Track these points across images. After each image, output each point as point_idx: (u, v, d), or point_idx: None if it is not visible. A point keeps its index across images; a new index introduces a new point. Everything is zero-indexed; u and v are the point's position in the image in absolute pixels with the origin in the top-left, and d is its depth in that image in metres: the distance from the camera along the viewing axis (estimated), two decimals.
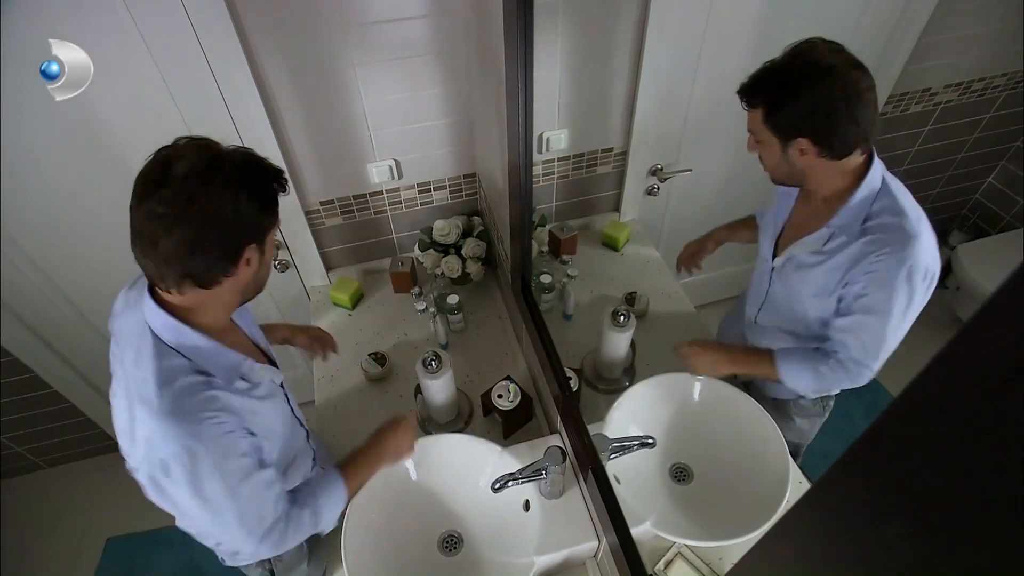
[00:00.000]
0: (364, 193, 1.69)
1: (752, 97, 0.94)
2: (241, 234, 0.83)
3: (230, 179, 0.80)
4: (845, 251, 0.97)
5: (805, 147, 0.91)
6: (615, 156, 1.71)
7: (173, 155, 0.80)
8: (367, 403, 1.56)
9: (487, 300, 1.80)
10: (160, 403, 0.82)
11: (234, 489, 0.89)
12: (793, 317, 1.15)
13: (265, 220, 0.87)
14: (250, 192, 0.82)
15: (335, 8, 1.33)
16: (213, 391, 0.87)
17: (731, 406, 1.28)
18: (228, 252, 0.83)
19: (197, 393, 0.85)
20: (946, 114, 1.42)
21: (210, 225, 0.79)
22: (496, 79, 1.21)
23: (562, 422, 1.23)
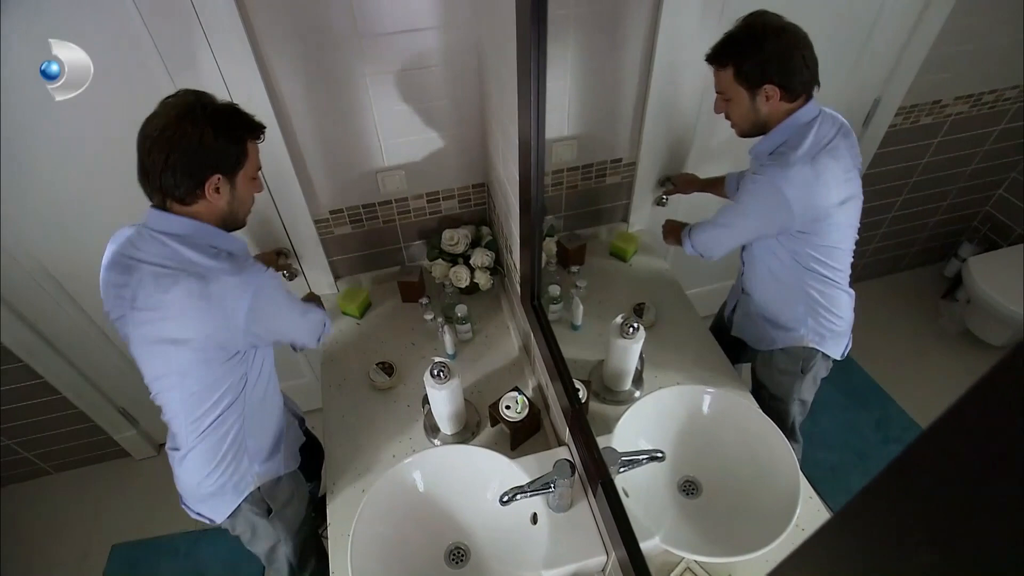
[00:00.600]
0: (373, 202, 1.70)
1: (723, 57, 1.09)
2: (205, 162, 1.03)
3: (202, 117, 1.01)
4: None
5: (771, 92, 1.07)
6: (624, 167, 1.70)
7: (171, 96, 1.05)
8: (374, 412, 1.56)
9: (495, 310, 1.80)
10: (222, 269, 1.06)
11: (294, 303, 1.23)
12: (757, 263, 1.32)
13: (228, 155, 1.06)
14: (216, 129, 1.02)
15: (348, 20, 1.34)
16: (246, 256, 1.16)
17: (740, 419, 1.28)
18: (193, 175, 1.03)
19: (240, 258, 1.13)
20: (957, 126, 1.42)
21: (178, 149, 1.00)
22: (507, 91, 1.22)
23: (571, 435, 1.22)
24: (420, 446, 1.47)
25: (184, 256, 1.06)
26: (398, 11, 1.36)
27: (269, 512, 1.37)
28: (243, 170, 1.10)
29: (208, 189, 1.05)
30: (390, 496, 1.24)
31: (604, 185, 1.75)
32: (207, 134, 1.01)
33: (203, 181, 1.04)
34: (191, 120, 1.01)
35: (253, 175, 1.14)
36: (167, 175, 1.02)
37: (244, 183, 1.12)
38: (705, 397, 1.30)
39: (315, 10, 1.31)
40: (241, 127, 1.08)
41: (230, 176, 1.08)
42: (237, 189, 1.11)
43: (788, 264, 1.21)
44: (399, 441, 1.49)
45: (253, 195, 1.17)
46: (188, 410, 1.16)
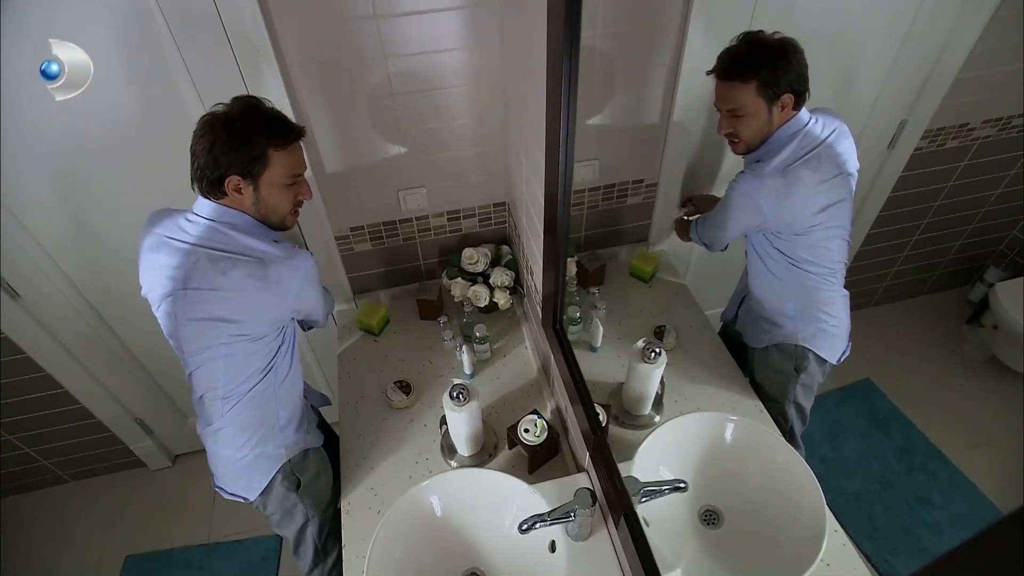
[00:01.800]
0: (394, 220, 1.70)
1: (748, 70, 1.07)
2: (219, 167, 1.12)
3: (220, 124, 1.10)
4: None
5: (787, 102, 1.07)
6: (645, 187, 1.69)
7: (220, 103, 1.15)
8: (390, 432, 1.55)
9: (513, 329, 1.79)
10: (277, 255, 1.18)
11: (320, 284, 1.31)
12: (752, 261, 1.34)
13: (240, 159, 1.12)
14: (229, 134, 1.10)
15: (376, 42, 1.35)
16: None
17: (764, 448, 1.25)
18: (212, 177, 1.13)
19: (288, 244, 1.22)
20: (983, 150, 1.39)
21: (199, 156, 1.12)
22: (533, 113, 1.22)
23: (592, 462, 1.21)
24: (437, 468, 1.46)
25: (242, 243, 1.16)
26: (425, 33, 1.37)
27: (298, 487, 1.41)
28: (266, 175, 1.15)
29: (228, 188, 1.14)
30: (407, 519, 1.23)
31: (625, 205, 1.74)
32: (219, 139, 1.10)
33: (221, 181, 1.13)
34: (211, 126, 1.11)
35: (284, 182, 1.18)
36: (198, 177, 1.15)
37: (270, 188, 1.17)
38: (728, 425, 1.28)
39: (344, 32, 1.33)
40: (255, 134, 1.12)
41: (251, 179, 1.14)
42: (262, 193, 1.16)
43: (780, 261, 1.25)
44: (415, 462, 1.48)
45: (292, 201, 1.22)
46: (227, 381, 1.24)
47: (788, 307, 1.31)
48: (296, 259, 1.20)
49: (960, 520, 1.33)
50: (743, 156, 1.19)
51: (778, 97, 1.07)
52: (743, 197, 1.18)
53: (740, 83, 1.08)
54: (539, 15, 1.02)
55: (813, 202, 1.14)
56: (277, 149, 1.14)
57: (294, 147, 1.18)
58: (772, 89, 1.06)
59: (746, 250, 1.39)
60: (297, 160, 1.19)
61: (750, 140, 1.13)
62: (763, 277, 1.33)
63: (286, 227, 1.26)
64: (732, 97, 1.10)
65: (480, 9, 1.37)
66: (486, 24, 1.39)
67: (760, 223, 1.20)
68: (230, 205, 1.18)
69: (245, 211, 1.18)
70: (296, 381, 1.38)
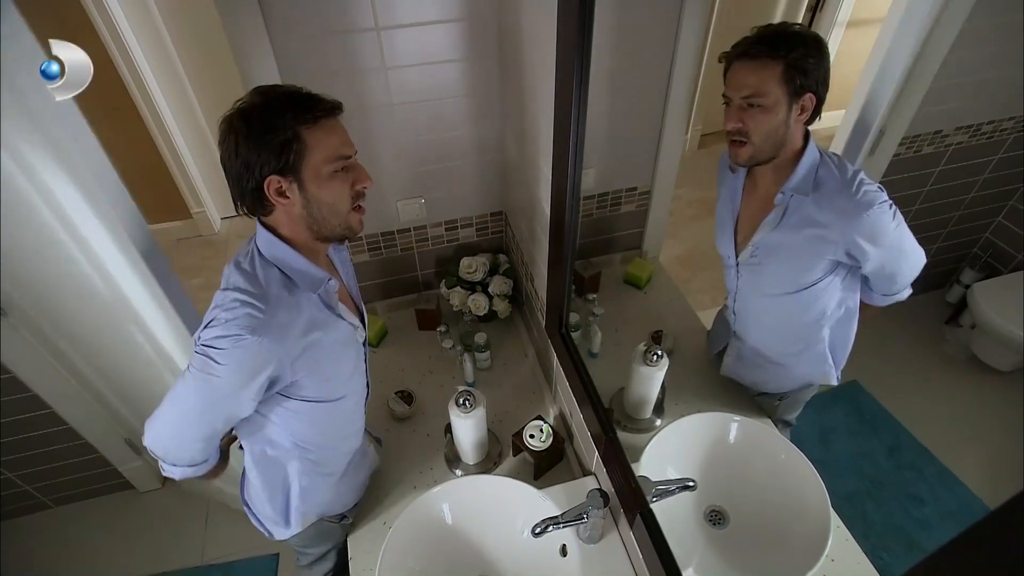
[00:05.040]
0: (392, 230, 1.71)
1: (778, 48, 0.89)
2: (251, 169, 0.92)
3: (237, 121, 0.92)
4: (812, 218, 0.98)
5: (807, 105, 0.91)
6: (639, 195, 1.73)
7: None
8: (393, 442, 1.54)
9: (512, 337, 1.80)
10: (232, 301, 0.93)
11: (190, 400, 0.98)
12: (772, 312, 1.18)
13: (271, 152, 0.91)
14: (249, 129, 0.91)
15: (376, 53, 1.37)
16: (292, 298, 0.99)
17: (767, 448, 1.28)
18: (250, 186, 0.94)
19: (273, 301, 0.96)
20: (957, 155, 1.45)
21: (229, 166, 0.94)
22: (537, 123, 1.24)
23: (603, 463, 1.22)
24: (442, 476, 1.46)
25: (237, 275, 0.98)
26: (424, 44, 1.40)
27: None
28: (308, 164, 0.94)
29: (271, 195, 0.94)
30: (417, 528, 1.22)
31: (619, 213, 1.77)
32: (241, 135, 0.92)
33: (260, 188, 0.94)
34: (229, 125, 0.93)
35: (332, 168, 0.96)
36: (233, 188, 0.97)
37: (318, 181, 0.95)
38: (732, 425, 1.30)
39: (344, 45, 1.34)
40: (279, 116, 0.92)
41: (292, 175, 0.94)
42: (310, 190, 0.95)
43: (828, 297, 1.09)
44: (420, 471, 1.47)
45: (350, 193, 1.00)
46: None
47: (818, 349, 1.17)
48: (230, 321, 0.92)
49: (949, 516, 1.36)
50: (744, 166, 1.02)
51: (802, 93, 0.90)
52: (887, 206, 0.97)
53: (765, 62, 0.89)
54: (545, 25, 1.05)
55: None
56: (310, 126, 0.93)
57: (332, 123, 0.97)
58: (799, 78, 0.89)
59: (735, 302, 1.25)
60: (341, 139, 0.98)
61: (760, 144, 0.95)
62: (782, 327, 1.21)
63: (353, 232, 1.04)
64: (752, 80, 0.91)
65: (479, 21, 1.39)
66: (485, 36, 1.42)
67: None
68: (277, 226, 0.99)
69: (294, 223, 0.99)
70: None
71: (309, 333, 1.00)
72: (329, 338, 1.05)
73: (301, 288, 1.00)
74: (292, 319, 0.98)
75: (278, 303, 0.96)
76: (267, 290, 0.96)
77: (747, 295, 1.19)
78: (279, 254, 0.99)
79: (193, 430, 1.04)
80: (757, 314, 1.21)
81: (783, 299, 1.12)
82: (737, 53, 0.92)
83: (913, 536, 1.35)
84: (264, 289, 0.96)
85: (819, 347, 1.15)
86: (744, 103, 0.92)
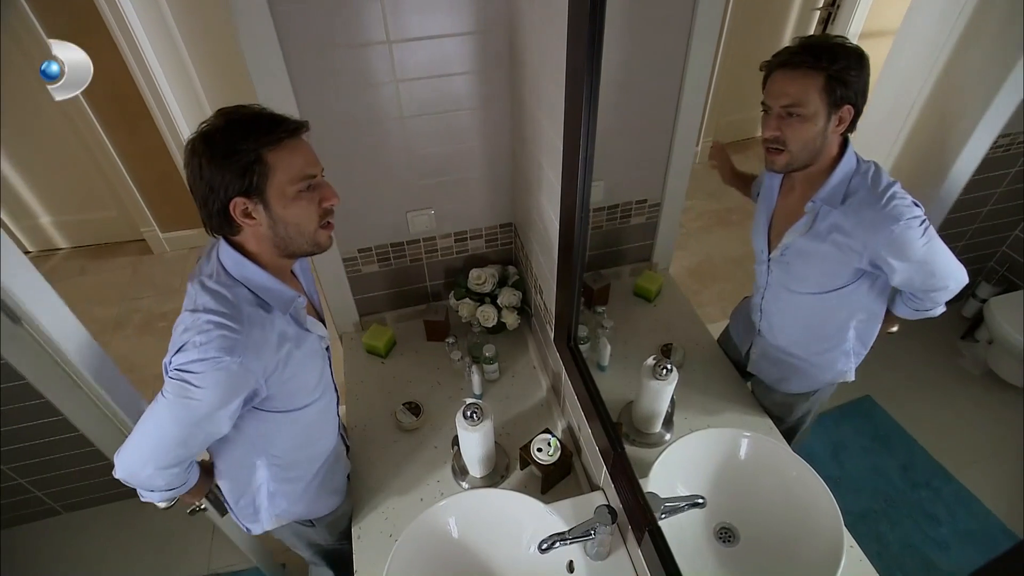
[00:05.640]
0: (402, 241, 1.71)
1: (820, 58, 0.89)
2: (216, 192, 0.94)
3: (199, 144, 0.93)
4: (842, 226, 1.00)
5: (844, 116, 0.91)
6: (649, 207, 1.72)
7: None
8: (400, 453, 1.53)
9: (521, 349, 1.80)
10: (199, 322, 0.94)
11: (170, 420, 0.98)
12: (799, 311, 1.20)
13: (234, 176, 0.92)
14: (210, 156, 0.92)
15: (387, 66, 1.38)
16: (264, 319, 1.00)
17: (778, 465, 1.26)
18: (214, 206, 0.95)
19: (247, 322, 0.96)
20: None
21: (193, 186, 0.96)
22: (546, 136, 1.24)
23: (612, 479, 1.20)
24: (448, 489, 1.45)
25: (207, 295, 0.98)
26: (435, 57, 1.40)
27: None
28: (272, 185, 0.95)
29: (237, 216, 0.96)
30: (422, 542, 1.21)
31: (628, 225, 1.76)
32: (204, 160, 0.93)
33: (226, 210, 0.95)
34: (192, 149, 0.94)
35: (296, 188, 0.97)
36: (202, 212, 0.98)
37: (283, 201, 0.96)
38: (742, 441, 1.29)
39: (356, 57, 1.35)
40: (241, 139, 0.92)
41: (257, 196, 0.95)
42: (275, 210, 0.96)
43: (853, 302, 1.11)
44: (427, 484, 1.46)
45: (316, 211, 1.01)
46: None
47: (843, 348, 1.18)
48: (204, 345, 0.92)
49: (967, 536, 1.33)
50: (780, 172, 1.04)
51: (841, 104, 0.91)
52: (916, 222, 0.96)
53: (807, 72, 0.90)
54: (555, 39, 1.05)
55: None
56: (272, 148, 0.93)
57: (295, 143, 0.97)
58: (840, 90, 0.90)
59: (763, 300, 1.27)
60: (305, 158, 0.98)
61: (797, 152, 0.97)
62: (810, 326, 1.23)
63: (321, 248, 1.05)
64: (792, 90, 0.92)
65: (489, 34, 1.40)
66: (495, 49, 1.43)
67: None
68: (245, 245, 1.01)
69: (261, 242, 1.00)
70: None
71: (282, 347, 1.03)
72: (300, 351, 1.07)
73: (271, 307, 1.02)
74: (266, 336, 0.99)
75: (251, 322, 0.97)
76: (239, 309, 0.97)
77: (776, 291, 1.22)
78: (247, 274, 1.00)
79: (170, 456, 1.03)
80: (784, 311, 1.23)
81: (810, 299, 1.15)
82: (779, 62, 0.93)
83: (929, 556, 1.32)
84: (236, 308, 0.96)
85: (844, 347, 1.16)
86: (783, 112, 0.93)
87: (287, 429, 1.16)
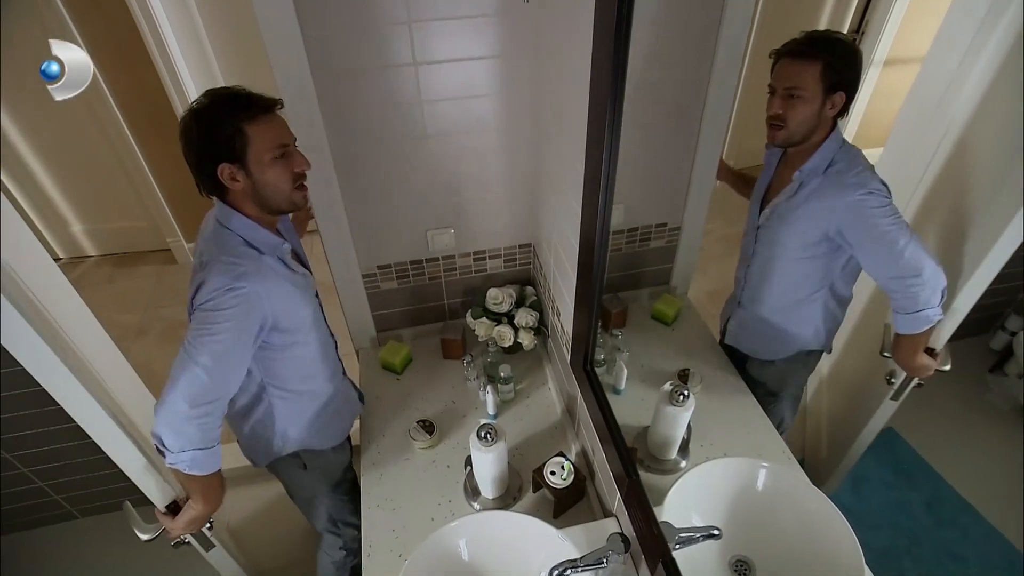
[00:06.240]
0: (421, 259, 1.73)
1: (818, 50, 1.04)
2: (205, 159, 1.12)
3: (189, 117, 1.11)
4: (816, 192, 1.14)
5: (837, 101, 1.05)
6: (669, 231, 1.72)
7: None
8: (412, 472, 1.53)
9: (537, 370, 1.79)
10: (217, 265, 1.12)
11: (212, 349, 1.09)
12: (776, 277, 1.33)
13: (220, 145, 1.11)
14: (199, 124, 1.11)
15: (413, 87, 1.40)
16: (260, 260, 1.19)
17: (797, 497, 1.23)
18: (203, 171, 1.14)
19: (248, 259, 1.17)
20: None
21: (187, 156, 1.14)
22: (567, 160, 1.25)
23: (626, 506, 1.19)
24: (460, 510, 1.44)
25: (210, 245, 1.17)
26: (460, 79, 1.43)
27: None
28: (251, 153, 1.12)
29: (224, 179, 1.14)
30: (432, 563, 1.20)
31: (648, 248, 1.76)
32: (194, 132, 1.11)
33: (214, 174, 1.13)
34: (184, 126, 1.12)
35: (272, 155, 1.14)
36: (195, 176, 1.17)
37: (261, 167, 1.14)
38: (760, 471, 1.26)
39: (383, 78, 1.38)
40: (224, 114, 1.11)
41: (239, 163, 1.13)
42: (254, 174, 1.14)
43: (823, 276, 1.23)
44: (438, 504, 1.46)
45: (289, 175, 1.18)
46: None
47: (815, 320, 1.31)
48: (220, 276, 1.11)
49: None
50: (779, 147, 1.19)
51: (835, 89, 1.05)
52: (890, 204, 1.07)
53: (807, 61, 1.05)
54: (579, 64, 1.06)
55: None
56: (250, 122, 1.11)
57: (270, 117, 1.15)
58: (834, 76, 1.04)
59: (747, 272, 1.41)
60: (278, 130, 1.16)
61: (794, 129, 1.11)
62: (784, 295, 1.34)
63: (297, 206, 1.23)
64: (793, 75, 1.07)
65: (514, 58, 1.42)
66: (519, 72, 1.45)
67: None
68: (234, 203, 1.19)
69: (246, 201, 1.18)
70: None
71: (276, 278, 1.21)
72: (291, 284, 1.25)
73: (262, 251, 1.20)
74: (261, 267, 1.18)
75: (248, 256, 1.17)
76: (235, 249, 1.17)
77: (760, 259, 1.35)
78: (237, 223, 1.19)
79: (200, 390, 1.11)
80: (764, 276, 1.36)
81: (787, 265, 1.29)
82: (786, 51, 1.07)
83: None
84: (233, 248, 1.17)
85: (813, 311, 1.29)
86: (786, 93, 1.08)
87: (290, 364, 1.32)
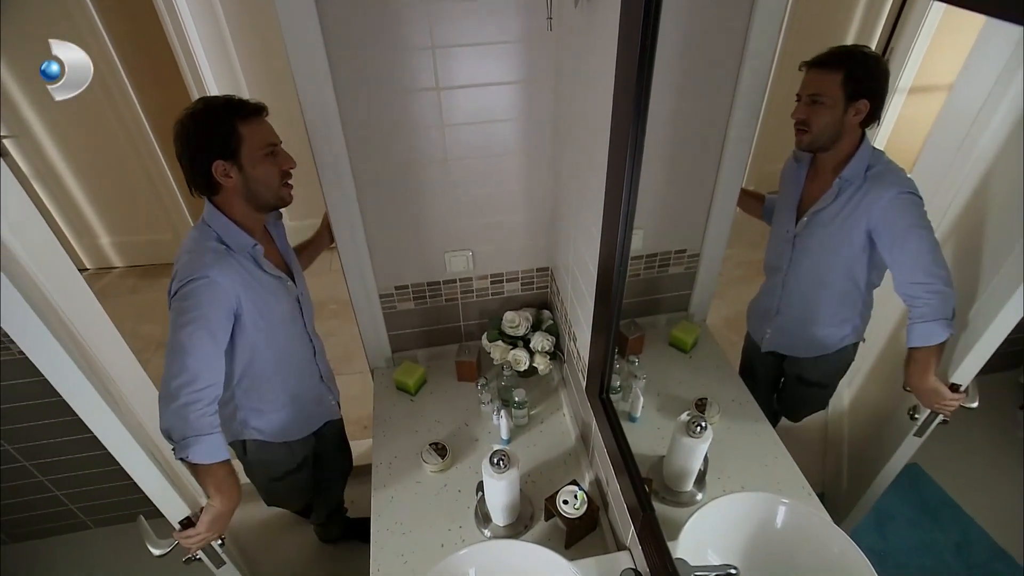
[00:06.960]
0: (438, 280, 1.73)
1: (840, 60, 1.09)
2: (200, 156, 1.22)
3: (186, 119, 1.22)
4: (856, 196, 1.16)
5: (861, 108, 1.09)
6: (688, 257, 1.70)
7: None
8: (423, 496, 1.52)
9: (551, 396, 1.77)
10: (187, 257, 1.25)
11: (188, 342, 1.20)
12: (818, 280, 1.34)
13: (216, 142, 1.22)
14: (194, 128, 1.22)
15: (435, 111, 1.42)
16: (227, 255, 1.28)
17: (818, 537, 1.19)
18: (197, 169, 1.25)
19: (216, 254, 1.26)
20: None
21: (183, 156, 1.25)
22: (587, 184, 1.25)
23: (639, 541, 1.16)
24: (470, 536, 1.41)
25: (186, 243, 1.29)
26: (481, 104, 1.44)
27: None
28: (245, 150, 1.23)
29: (218, 176, 1.24)
30: None
31: (667, 275, 1.74)
32: (190, 132, 1.21)
33: (209, 171, 1.23)
34: (180, 127, 1.22)
35: (263, 152, 1.26)
36: (187, 175, 1.27)
37: (253, 163, 1.25)
38: (780, 508, 1.22)
39: (405, 101, 1.40)
40: (219, 113, 1.22)
41: (233, 159, 1.23)
42: (246, 169, 1.25)
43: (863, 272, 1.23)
44: (448, 529, 1.44)
45: (277, 171, 1.30)
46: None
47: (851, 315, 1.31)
48: (193, 268, 1.23)
49: None
50: (806, 151, 1.23)
51: (857, 97, 1.09)
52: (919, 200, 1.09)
53: (829, 70, 1.10)
54: (601, 91, 1.06)
55: None
56: (243, 121, 1.23)
57: (260, 120, 1.27)
58: (855, 85, 1.08)
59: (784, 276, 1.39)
60: (268, 131, 1.29)
61: (817, 134, 1.16)
62: (817, 293, 1.36)
63: (284, 201, 1.34)
64: (817, 82, 1.13)
65: (535, 84, 1.43)
66: (540, 98, 1.45)
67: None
68: (222, 204, 1.29)
69: (236, 198, 1.28)
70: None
71: (243, 274, 1.29)
72: (258, 283, 1.33)
73: (232, 248, 1.29)
74: (226, 262, 1.26)
75: (216, 252, 1.26)
76: (206, 245, 1.27)
77: (799, 265, 1.36)
78: (217, 221, 1.29)
79: (187, 378, 1.20)
80: (804, 281, 1.38)
81: (830, 267, 1.30)
82: (812, 62, 1.13)
83: None
84: (203, 244, 1.27)
85: (854, 308, 1.29)
86: (809, 100, 1.13)
87: (262, 354, 1.40)
